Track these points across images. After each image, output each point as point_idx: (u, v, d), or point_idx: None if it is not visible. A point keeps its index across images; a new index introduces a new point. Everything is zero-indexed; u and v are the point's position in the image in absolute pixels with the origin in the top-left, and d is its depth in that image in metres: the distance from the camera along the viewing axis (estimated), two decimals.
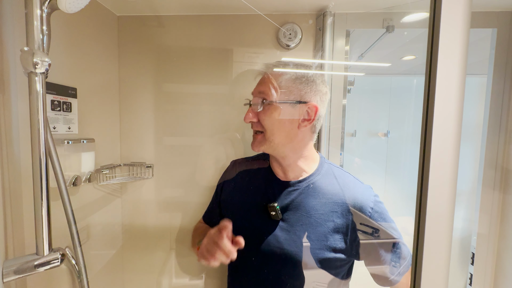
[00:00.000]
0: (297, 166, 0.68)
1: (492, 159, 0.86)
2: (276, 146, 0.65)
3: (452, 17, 0.29)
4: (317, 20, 0.87)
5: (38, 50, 0.48)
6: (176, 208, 0.99)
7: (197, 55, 0.93)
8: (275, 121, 0.63)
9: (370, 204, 0.63)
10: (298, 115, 0.63)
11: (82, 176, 0.78)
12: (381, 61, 1.17)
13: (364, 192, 0.65)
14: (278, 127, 0.64)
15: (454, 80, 0.28)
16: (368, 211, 0.62)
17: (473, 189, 0.92)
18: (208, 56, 0.92)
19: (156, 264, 1.01)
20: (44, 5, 0.49)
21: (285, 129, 0.64)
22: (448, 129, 0.29)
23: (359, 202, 0.63)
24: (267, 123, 0.64)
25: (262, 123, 0.65)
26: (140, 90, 0.95)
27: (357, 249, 0.64)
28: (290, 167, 0.68)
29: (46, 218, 0.52)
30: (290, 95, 0.63)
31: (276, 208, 0.65)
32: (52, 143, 0.56)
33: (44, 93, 0.49)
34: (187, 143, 0.96)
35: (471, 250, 0.92)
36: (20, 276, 0.51)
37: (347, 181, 0.67)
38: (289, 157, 0.67)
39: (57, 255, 0.55)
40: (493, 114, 0.86)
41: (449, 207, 0.29)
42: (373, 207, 0.63)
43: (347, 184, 0.67)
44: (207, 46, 0.92)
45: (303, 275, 0.64)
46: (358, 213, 0.63)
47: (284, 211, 0.66)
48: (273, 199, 0.67)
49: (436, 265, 0.29)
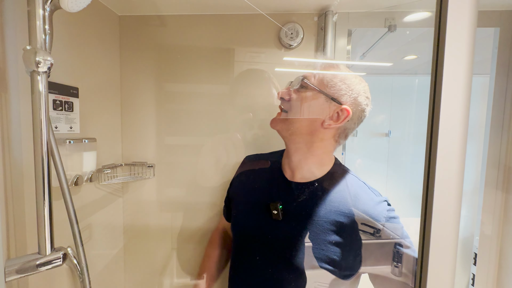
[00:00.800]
0: (306, 165, 0.66)
1: (495, 158, 0.85)
2: (292, 131, 0.64)
3: (458, 16, 0.28)
4: (319, 19, 0.87)
5: (40, 49, 0.48)
6: (177, 208, 0.99)
7: (198, 54, 0.93)
8: (303, 104, 0.62)
9: (382, 220, 0.59)
10: (328, 111, 0.61)
11: (83, 176, 0.78)
12: (383, 60, 1.16)
13: (376, 206, 0.61)
14: (305, 112, 0.62)
15: (461, 80, 0.28)
16: (379, 227, 0.59)
17: (475, 189, 0.91)
18: (210, 56, 0.92)
19: (157, 264, 1.00)
20: (46, 4, 0.49)
21: (309, 118, 0.62)
22: (454, 128, 0.28)
23: (369, 215, 0.60)
24: (295, 104, 0.63)
25: (290, 102, 0.64)
26: (141, 89, 0.95)
27: (354, 265, 0.61)
28: (299, 166, 0.66)
29: (48, 218, 0.52)
30: (331, 88, 0.61)
31: (278, 208, 0.64)
32: (54, 143, 0.56)
33: (47, 92, 0.49)
34: (189, 143, 0.96)
35: (473, 250, 0.92)
36: (22, 276, 0.51)
37: (359, 191, 0.63)
38: (300, 151, 0.65)
39: (59, 254, 0.55)
40: (495, 113, 0.85)
41: (455, 207, 0.28)
42: (384, 224, 0.59)
43: (359, 195, 0.63)
44: (208, 46, 0.92)
45: (301, 278, 0.63)
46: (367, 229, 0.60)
47: (286, 212, 0.64)
48: (276, 198, 0.66)
49: (442, 265, 0.29)
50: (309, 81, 0.63)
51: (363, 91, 0.63)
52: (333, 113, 0.61)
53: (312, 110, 0.62)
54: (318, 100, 0.62)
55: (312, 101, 0.62)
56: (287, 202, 0.65)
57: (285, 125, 0.65)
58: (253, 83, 0.92)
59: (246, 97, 0.93)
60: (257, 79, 0.92)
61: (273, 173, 0.71)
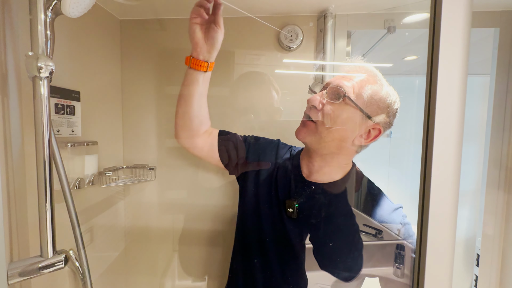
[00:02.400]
0: (327, 170, 0.65)
1: (496, 158, 0.85)
2: (320, 142, 0.60)
3: (452, 18, 0.29)
4: (318, 21, 0.88)
5: (42, 55, 0.48)
6: (178, 210, 0.99)
7: None
8: (339, 118, 0.58)
9: (398, 226, 0.60)
10: (360, 128, 0.58)
11: (85, 179, 0.78)
12: (383, 61, 1.16)
13: (393, 214, 0.62)
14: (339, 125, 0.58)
15: (455, 80, 0.28)
16: (395, 233, 0.61)
17: (477, 189, 0.91)
18: None
19: (159, 266, 1.01)
20: (48, 10, 0.49)
21: (342, 131, 0.59)
22: (450, 129, 0.28)
23: (385, 222, 0.61)
24: (329, 115, 0.58)
25: (324, 113, 0.59)
26: (142, 92, 0.96)
27: (360, 266, 0.61)
28: (320, 169, 0.65)
29: (50, 221, 0.52)
30: (368, 106, 0.57)
31: (294, 206, 0.63)
32: (56, 146, 0.56)
33: (48, 97, 0.50)
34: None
35: (476, 251, 0.91)
36: (24, 278, 0.51)
37: (377, 197, 0.64)
38: (324, 160, 0.64)
39: (61, 257, 0.55)
40: (496, 113, 0.85)
41: (451, 207, 0.28)
42: (400, 229, 0.60)
43: (376, 200, 0.64)
44: None
45: (305, 276, 0.64)
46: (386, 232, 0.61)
47: (301, 210, 0.64)
48: (293, 196, 0.65)
49: (439, 265, 0.29)
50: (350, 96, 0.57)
51: (396, 110, 0.61)
52: (365, 131, 0.59)
53: (347, 125, 0.58)
54: (354, 116, 0.58)
55: (348, 117, 0.58)
56: (303, 200, 0.64)
57: (315, 138, 0.61)
58: (253, 85, 0.93)
59: (246, 99, 0.93)
60: (257, 81, 0.92)
61: (290, 170, 0.69)
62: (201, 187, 0.97)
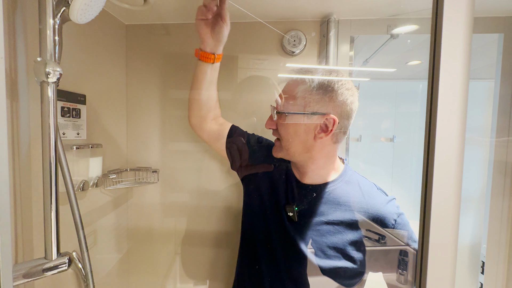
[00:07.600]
0: (315, 174, 0.66)
1: (501, 164, 0.84)
2: (292, 155, 0.65)
3: (454, 23, 0.29)
4: (321, 26, 0.88)
5: (50, 60, 0.49)
6: (181, 213, 0.99)
7: None
8: (289, 130, 0.63)
9: (394, 216, 0.61)
10: (314, 126, 0.61)
11: (89, 181, 0.79)
12: (386, 66, 1.16)
13: (388, 205, 0.64)
14: (293, 136, 0.63)
15: (457, 86, 0.28)
16: (391, 223, 0.61)
17: (482, 196, 0.90)
18: None
19: (161, 268, 1.01)
20: (56, 17, 0.51)
21: (300, 139, 0.62)
22: (451, 134, 0.29)
23: (382, 214, 0.62)
24: (282, 132, 0.64)
25: (279, 131, 0.65)
26: (146, 96, 0.97)
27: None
28: (307, 174, 0.67)
29: (54, 223, 0.53)
30: (306, 106, 0.60)
31: (294, 210, 0.65)
32: (62, 149, 0.57)
33: (55, 101, 0.51)
34: (193, 148, 0.97)
35: (481, 259, 0.90)
36: (29, 280, 0.52)
37: (371, 192, 0.66)
38: (307, 166, 0.66)
39: (65, 259, 0.56)
40: (501, 118, 0.84)
41: (453, 213, 0.28)
42: (396, 219, 0.61)
43: (372, 195, 0.65)
44: None
45: (307, 281, 0.64)
46: (381, 224, 0.61)
47: (301, 213, 0.65)
48: (290, 200, 0.67)
49: (441, 270, 0.29)
50: (278, 108, 0.63)
51: (340, 88, 0.61)
52: (321, 125, 0.60)
53: (299, 131, 0.62)
54: (300, 120, 0.62)
55: (296, 123, 0.62)
56: (302, 204, 0.66)
57: (283, 153, 0.66)
58: (257, 89, 0.93)
59: (249, 103, 0.94)
60: (260, 85, 0.93)
61: (286, 173, 0.71)
62: (204, 189, 0.97)
